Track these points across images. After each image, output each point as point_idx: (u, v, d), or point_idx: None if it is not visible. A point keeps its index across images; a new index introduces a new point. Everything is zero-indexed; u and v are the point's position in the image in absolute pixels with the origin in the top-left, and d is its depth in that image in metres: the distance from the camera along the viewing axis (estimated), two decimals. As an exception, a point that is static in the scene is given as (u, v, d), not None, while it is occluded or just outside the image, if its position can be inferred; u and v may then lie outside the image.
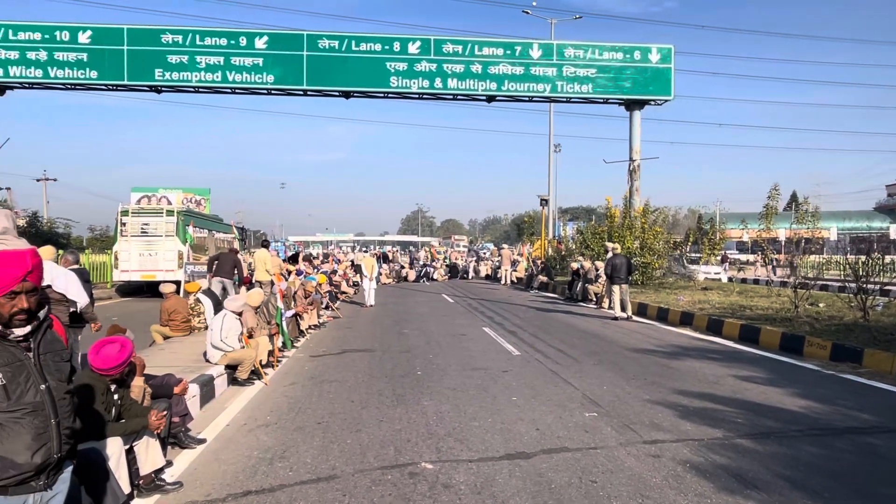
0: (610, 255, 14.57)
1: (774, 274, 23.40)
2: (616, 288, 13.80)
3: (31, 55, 18.94)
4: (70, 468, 2.47)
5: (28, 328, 2.24)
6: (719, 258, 27.28)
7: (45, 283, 4.20)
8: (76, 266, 6.73)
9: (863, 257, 11.75)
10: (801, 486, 4.10)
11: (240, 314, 7.76)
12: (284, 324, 9.54)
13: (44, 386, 2.23)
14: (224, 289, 13.26)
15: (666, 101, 21.45)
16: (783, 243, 24.47)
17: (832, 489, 4.07)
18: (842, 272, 13.32)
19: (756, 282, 24.31)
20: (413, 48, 20.25)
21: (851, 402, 6.33)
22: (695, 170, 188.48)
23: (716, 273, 26.85)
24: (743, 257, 39.72)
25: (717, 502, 3.87)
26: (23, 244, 2.38)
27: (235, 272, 13.53)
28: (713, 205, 63.48)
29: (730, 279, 27.06)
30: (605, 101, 21.85)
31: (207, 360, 7.52)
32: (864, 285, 11.24)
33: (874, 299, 11.75)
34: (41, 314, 2.32)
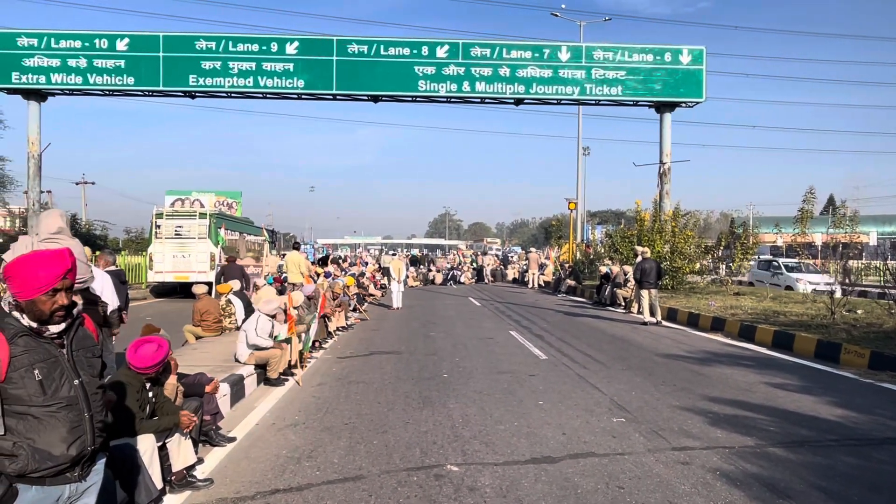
0: (639, 259, 14.38)
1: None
2: (645, 292, 13.62)
3: (72, 62, 19.54)
4: (103, 460, 2.55)
5: (63, 325, 2.33)
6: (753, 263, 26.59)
7: (82, 284, 4.34)
8: (113, 267, 6.90)
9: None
10: (837, 497, 3.99)
11: (273, 316, 7.90)
12: (313, 328, 9.65)
13: (77, 381, 2.32)
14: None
15: (697, 102, 21.10)
16: (819, 248, 23.82)
17: (869, 500, 3.95)
18: (881, 278, 12.92)
19: (790, 287, 23.68)
20: (441, 52, 20.33)
21: (891, 412, 6.13)
22: (727, 173, 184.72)
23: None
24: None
25: (749, 511, 3.79)
26: (76, 244, 2.48)
27: (244, 285, 13.60)
28: (746, 208, 62.18)
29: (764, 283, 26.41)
30: (635, 104, 21.59)
31: (237, 360, 7.67)
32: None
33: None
34: (74, 312, 2.40)
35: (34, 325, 2.27)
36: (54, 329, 2.30)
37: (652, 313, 13.55)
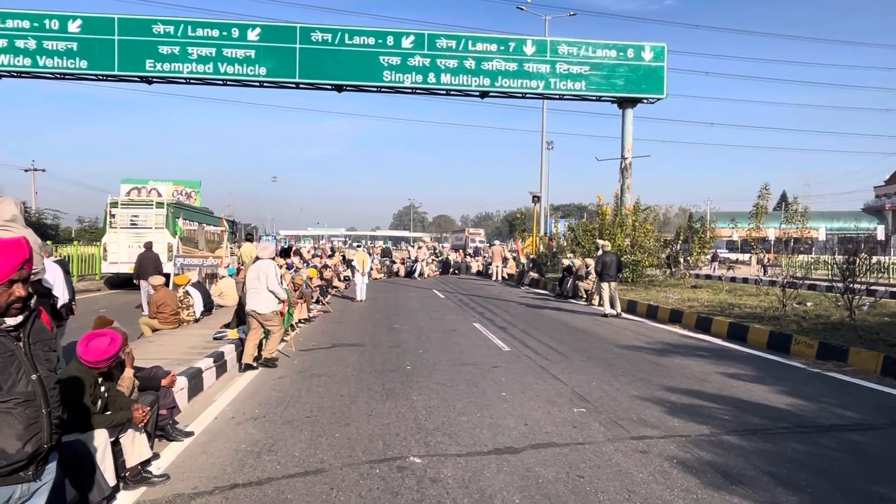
0: (600, 252, 14.65)
1: (764, 273, 23.53)
2: (605, 285, 13.85)
3: (20, 43, 18.70)
4: (56, 459, 2.46)
5: (20, 318, 2.23)
6: (709, 257, 27.36)
7: (36, 275, 4.16)
8: (55, 258, 6.66)
9: (850, 257, 11.86)
10: (786, 483, 4.14)
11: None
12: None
13: (35, 376, 2.22)
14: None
15: (658, 99, 21.51)
16: (772, 242, 24.63)
17: (816, 485, 4.11)
18: (829, 272, 13.44)
19: (745, 280, 24.47)
20: (407, 42, 20.18)
21: (836, 400, 6.39)
22: (686, 169, 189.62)
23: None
24: (733, 256, 39.99)
25: (703, 497, 3.90)
26: (29, 233, 2.37)
27: (158, 271, 13.82)
28: (704, 204, 63.88)
29: (719, 278, 27.23)
30: (598, 99, 21.89)
31: (255, 313, 7.77)
32: (851, 285, 11.35)
33: (860, 299, 11.88)
34: (31, 303, 2.30)
35: None
36: (10, 322, 2.20)
37: (612, 305, 13.79)
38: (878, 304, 13.26)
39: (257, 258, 8.38)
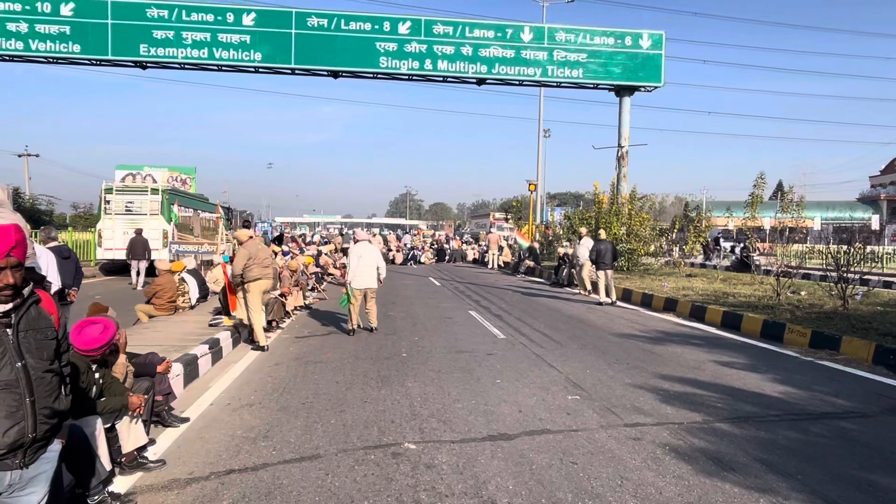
0: (583, 240, 15.01)
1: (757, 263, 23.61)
2: (601, 273, 13.88)
3: (11, 27, 18.46)
4: (58, 449, 2.44)
5: (10, 305, 2.21)
6: (712, 241, 27.39)
7: (29, 263, 4.14)
8: (54, 243, 6.61)
9: (844, 247, 11.91)
10: (777, 469, 4.19)
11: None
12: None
13: (20, 364, 2.20)
14: (139, 272, 16.48)
15: (656, 87, 21.43)
16: (768, 232, 24.69)
17: (806, 472, 4.16)
18: (824, 261, 13.51)
19: (739, 269, 24.51)
20: (403, 28, 20.02)
21: (828, 388, 6.45)
22: (683, 157, 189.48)
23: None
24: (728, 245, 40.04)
25: (695, 484, 3.95)
26: (18, 219, 2.35)
27: (146, 254, 16.59)
28: (700, 192, 63.95)
29: (714, 266, 27.31)
30: (596, 87, 21.79)
31: (372, 289, 9.46)
32: (845, 275, 11.41)
33: (854, 288, 11.94)
34: (25, 291, 2.28)
35: None
36: (3, 308, 2.19)
37: (607, 294, 13.84)
38: (872, 293, 13.33)
39: (357, 242, 9.78)
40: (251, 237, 8.64)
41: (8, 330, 2.21)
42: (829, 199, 59.74)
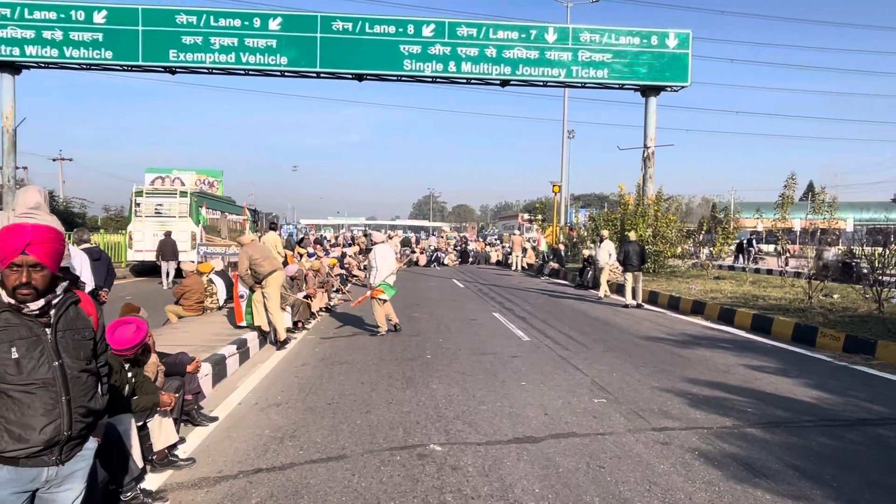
0: (604, 243, 14.92)
1: (787, 264, 23.12)
2: (629, 275, 13.73)
3: (47, 34, 19.00)
4: (94, 447, 2.47)
5: (41, 302, 2.23)
6: (733, 247, 26.89)
7: (64, 263, 4.23)
8: (87, 245, 6.77)
9: (879, 249, 11.58)
10: (811, 476, 4.09)
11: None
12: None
13: (57, 363, 2.23)
14: (168, 273, 17.15)
15: (682, 87, 21.16)
16: (798, 233, 24.15)
17: (842, 479, 4.05)
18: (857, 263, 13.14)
19: (769, 272, 24.05)
20: (427, 31, 20.09)
21: (863, 394, 6.28)
22: (710, 158, 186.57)
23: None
24: (765, 247, 39.26)
25: (726, 490, 3.87)
26: (53, 221, 2.38)
27: (175, 255, 17.13)
28: (728, 193, 62.90)
29: (743, 269, 26.80)
30: (621, 87, 21.59)
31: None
32: (880, 277, 11.10)
33: (889, 291, 11.61)
34: (59, 290, 2.31)
35: (13, 301, 2.19)
36: (33, 306, 2.22)
37: (633, 296, 13.68)
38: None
39: (375, 244, 10.17)
40: (252, 240, 8.95)
41: (47, 329, 2.25)
42: (862, 200, 58.27)
